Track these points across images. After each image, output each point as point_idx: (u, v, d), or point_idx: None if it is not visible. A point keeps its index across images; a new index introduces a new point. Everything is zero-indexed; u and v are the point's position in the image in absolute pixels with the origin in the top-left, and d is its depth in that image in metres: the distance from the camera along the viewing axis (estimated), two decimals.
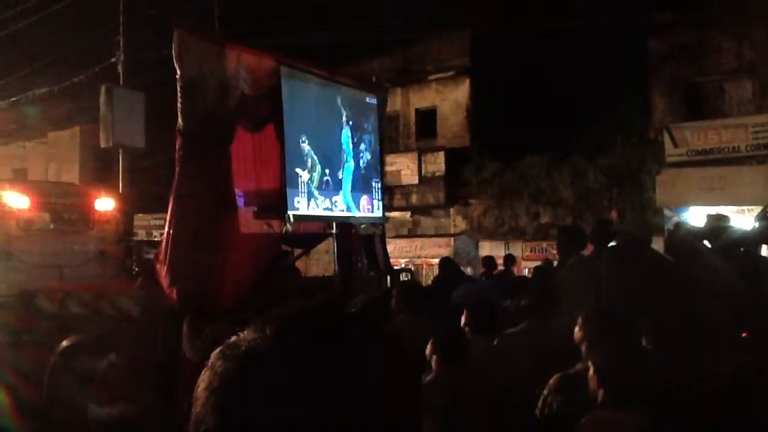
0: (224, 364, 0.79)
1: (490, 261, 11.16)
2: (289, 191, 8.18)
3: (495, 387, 3.77)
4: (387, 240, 11.08)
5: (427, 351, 3.82)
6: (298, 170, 8.42)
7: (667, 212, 15.50)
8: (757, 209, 8.40)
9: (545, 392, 3.34)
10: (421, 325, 4.77)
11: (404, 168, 20.43)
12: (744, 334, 4.15)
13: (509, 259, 12.31)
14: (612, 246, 5.64)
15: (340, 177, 9.22)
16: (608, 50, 16.82)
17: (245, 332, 0.82)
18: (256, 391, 0.75)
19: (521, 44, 17.96)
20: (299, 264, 9.94)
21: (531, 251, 17.87)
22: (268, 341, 0.79)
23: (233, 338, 0.82)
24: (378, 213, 10.09)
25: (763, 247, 6.33)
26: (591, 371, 2.84)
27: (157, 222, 17.71)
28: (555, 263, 9.81)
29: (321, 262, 17.06)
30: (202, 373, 0.80)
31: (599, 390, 2.77)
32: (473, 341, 4.36)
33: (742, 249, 6.06)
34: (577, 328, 3.52)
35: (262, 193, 8.15)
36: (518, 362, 3.89)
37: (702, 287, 4.67)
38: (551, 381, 3.35)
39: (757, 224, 6.29)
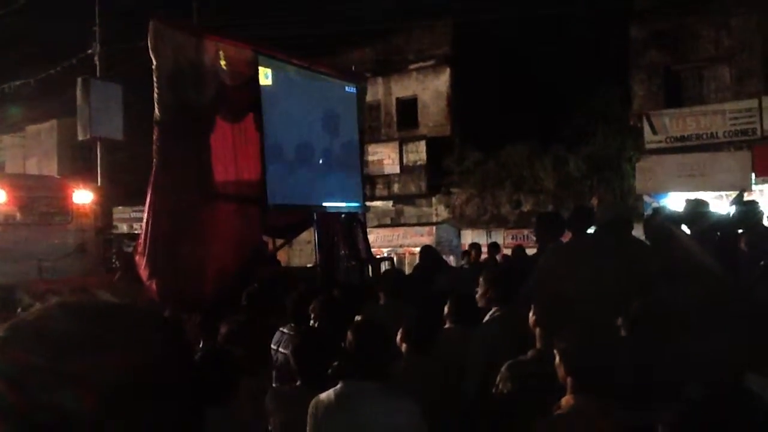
0: None
1: (475, 248, 11.18)
2: (273, 177, 8.16)
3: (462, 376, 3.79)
4: (369, 229, 11.10)
5: (398, 339, 3.82)
6: (281, 156, 8.41)
7: (646, 198, 15.63)
8: (734, 194, 8.50)
9: (498, 380, 3.33)
10: (402, 312, 4.79)
11: (386, 157, 20.41)
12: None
13: (494, 247, 12.32)
14: (590, 232, 5.67)
15: (321, 165, 9.21)
16: (589, 38, 16.87)
17: None
18: None
19: (502, 33, 17.97)
20: (281, 255, 9.91)
21: (513, 239, 17.91)
22: None
23: None
24: (359, 202, 10.10)
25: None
26: (557, 359, 2.81)
27: (138, 215, 17.55)
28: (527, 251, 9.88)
29: (304, 252, 17.06)
30: None
31: (566, 377, 2.74)
32: (453, 330, 4.38)
33: (718, 233, 6.15)
34: (531, 313, 3.52)
35: (242, 184, 8.11)
36: (495, 349, 3.88)
37: (679, 271, 4.71)
38: (503, 368, 3.33)
39: (733, 209, 6.38)
